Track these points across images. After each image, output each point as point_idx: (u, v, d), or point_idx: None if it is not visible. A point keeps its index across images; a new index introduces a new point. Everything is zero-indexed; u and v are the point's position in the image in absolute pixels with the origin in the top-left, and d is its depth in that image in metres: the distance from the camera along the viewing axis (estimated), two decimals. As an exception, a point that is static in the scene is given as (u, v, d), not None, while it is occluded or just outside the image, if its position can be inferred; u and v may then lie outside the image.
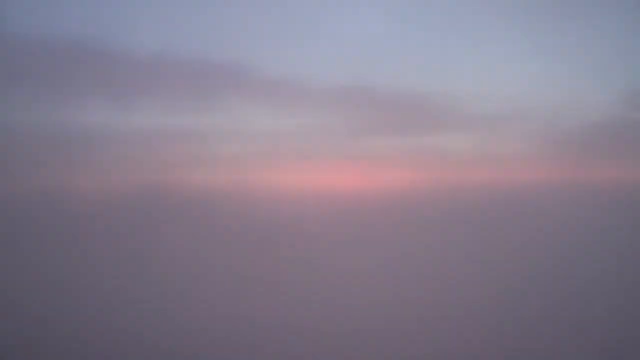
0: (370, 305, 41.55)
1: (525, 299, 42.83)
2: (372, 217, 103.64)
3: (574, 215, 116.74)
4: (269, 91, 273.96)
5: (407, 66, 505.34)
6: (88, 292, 43.60)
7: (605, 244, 76.68)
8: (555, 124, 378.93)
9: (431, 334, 33.68)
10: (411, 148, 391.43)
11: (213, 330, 35.12)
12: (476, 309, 38.82)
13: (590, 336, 32.40)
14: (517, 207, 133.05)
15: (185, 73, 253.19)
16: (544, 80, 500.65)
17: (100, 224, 76.75)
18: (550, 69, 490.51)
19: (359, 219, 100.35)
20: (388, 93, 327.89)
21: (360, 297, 45.28)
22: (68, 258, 63.96)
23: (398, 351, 30.90)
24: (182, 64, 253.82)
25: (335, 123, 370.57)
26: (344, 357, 30.38)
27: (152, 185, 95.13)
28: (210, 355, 30.78)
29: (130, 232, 72.61)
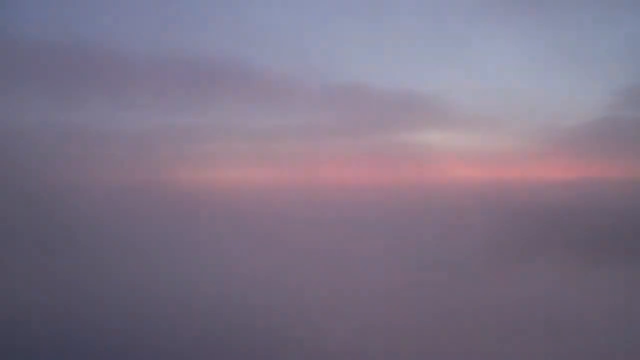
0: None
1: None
2: (369, 214, 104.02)
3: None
4: (264, 90, 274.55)
5: (403, 65, 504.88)
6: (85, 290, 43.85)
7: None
8: (552, 123, 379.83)
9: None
10: (409, 147, 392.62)
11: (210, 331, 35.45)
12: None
13: None
14: (513, 205, 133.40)
15: (181, 72, 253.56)
16: (540, 80, 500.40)
17: (99, 222, 77.05)
18: (546, 68, 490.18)
19: (355, 217, 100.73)
20: (384, 92, 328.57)
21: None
22: (67, 255, 64.40)
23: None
24: (178, 62, 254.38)
25: (331, 122, 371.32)
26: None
27: (150, 184, 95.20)
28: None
29: (129, 230, 72.90)
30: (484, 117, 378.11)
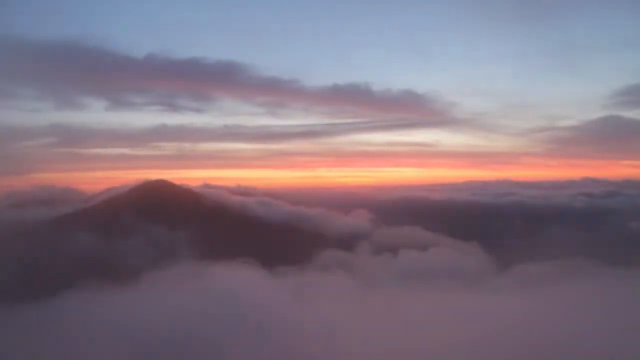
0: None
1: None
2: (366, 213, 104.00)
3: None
4: (262, 90, 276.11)
5: (401, 65, 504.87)
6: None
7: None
8: (552, 123, 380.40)
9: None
10: (406, 146, 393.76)
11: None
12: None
13: None
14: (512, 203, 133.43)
15: (180, 73, 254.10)
16: (540, 80, 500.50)
17: (98, 221, 76.95)
18: (546, 68, 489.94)
19: (353, 215, 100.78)
20: (382, 92, 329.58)
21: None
22: (68, 252, 64.41)
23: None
24: (176, 63, 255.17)
25: (329, 121, 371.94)
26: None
27: (150, 183, 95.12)
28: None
29: (130, 229, 72.80)
30: (483, 117, 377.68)
